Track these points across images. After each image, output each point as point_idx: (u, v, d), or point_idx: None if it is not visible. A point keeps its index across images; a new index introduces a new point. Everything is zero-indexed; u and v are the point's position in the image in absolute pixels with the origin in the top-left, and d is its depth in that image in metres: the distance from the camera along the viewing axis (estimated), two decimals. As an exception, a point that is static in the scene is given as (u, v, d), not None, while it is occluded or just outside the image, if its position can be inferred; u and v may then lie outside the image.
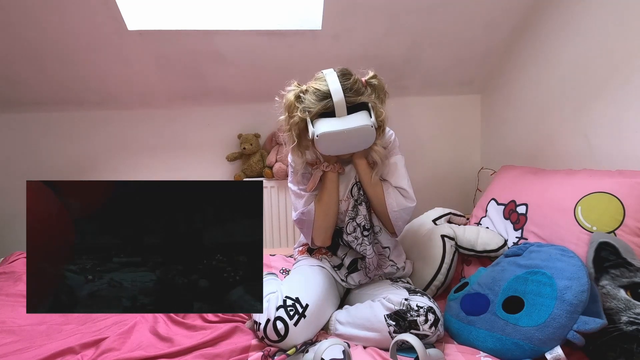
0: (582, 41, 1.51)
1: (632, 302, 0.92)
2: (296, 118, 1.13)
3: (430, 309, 1.05)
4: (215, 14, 1.79)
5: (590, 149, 1.49)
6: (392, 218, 1.24)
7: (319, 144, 1.11)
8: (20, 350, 1.04)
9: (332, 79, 1.12)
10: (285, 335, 1.04)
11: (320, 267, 1.30)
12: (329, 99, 1.10)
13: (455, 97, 2.30)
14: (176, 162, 2.24)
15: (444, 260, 1.39)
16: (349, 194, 1.27)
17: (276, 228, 2.17)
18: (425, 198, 2.18)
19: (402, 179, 1.26)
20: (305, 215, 1.26)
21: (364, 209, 1.25)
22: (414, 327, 1.02)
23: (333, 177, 1.24)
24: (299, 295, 1.12)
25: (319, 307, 1.13)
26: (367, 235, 1.24)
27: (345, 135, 1.08)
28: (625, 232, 1.11)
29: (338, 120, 1.09)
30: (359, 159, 1.23)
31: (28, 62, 1.86)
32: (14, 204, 2.12)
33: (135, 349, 1.05)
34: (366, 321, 1.09)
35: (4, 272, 1.54)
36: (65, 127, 2.18)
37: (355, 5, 1.72)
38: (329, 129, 1.08)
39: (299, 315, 1.07)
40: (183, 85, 2.08)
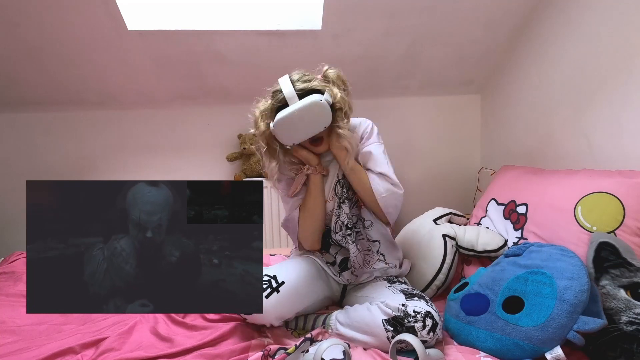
0: (582, 41, 1.51)
1: (632, 302, 0.92)
2: (261, 127, 1.18)
3: (428, 314, 1.04)
4: (215, 14, 1.79)
5: (590, 149, 1.49)
6: (382, 204, 1.21)
7: (277, 134, 1.14)
8: (20, 350, 1.04)
9: (283, 78, 1.17)
10: None
11: (310, 257, 1.32)
12: (280, 94, 1.14)
13: (455, 97, 2.30)
14: (176, 162, 2.24)
15: (445, 260, 1.39)
16: (333, 193, 1.28)
17: (276, 228, 2.17)
18: (426, 198, 2.19)
19: (382, 164, 1.23)
20: (290, 222, 1.30)
21: (346, 208, 1.24)
22: (412, 334, 1.01)
23: (316, 179, 1.25)
24: (277, 273, 1.15)
25: (297, 286, 1.15)
26: (349, 234, 1.24)
27: (298, 116, 1.10)
28: (625, 232, 1.11)
29: (290, 107, 1.12)
30: (337, 149, 1.21)
31: (28, 62, 1.86)
32: (14, 204, 2.12)
33: (135, 349, 1.05)
34: (365, 325, 1.09)
35: (4, 272, 1.54)
36: (65, 127, 2.18)
37: (355, 5, 1.72)
38: (281, 115, 1.11)
39: (272, 289, 1.09)
40: (183, 85, 2.08)
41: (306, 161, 1.24)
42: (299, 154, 1.24)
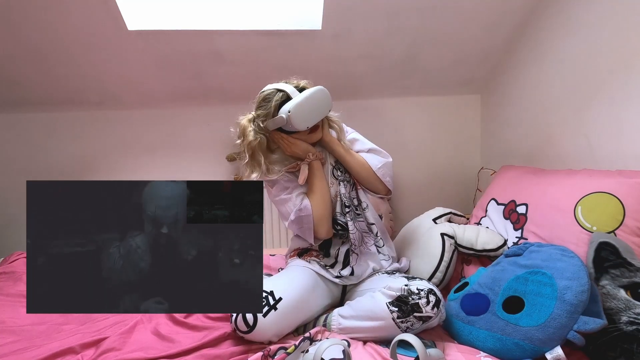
0: (582, 41, 1.51)
1: (632, 302, 0.92)
2: (249, 136, 1.25)
3: (431, 291, 1.07)
4: (215, 14, 1.79)
5: (590, 149, 1.49)
6: (380, 174, 1.34)
7: (294, 119, 1.19)
8: (20, 350, 1.04)
9: (269, 86, 1.27)
10: (253, 326, 1.05)
11: (305, 268, 1.31)
12: (279, 92, 1.23)
13: (455, 97, 2.30)
14: (176, 162, 2.24)
15: (443, 258, 1.39)
16: (332, 178, 1.36)
17: (276, 228, 2.17)
18: (426, 198, 2.19)
19: (367, 143, 1.40)
20: (303, 211, 1.28)
21: (343, 188, 1.34)
22: (417, 310, 1.04)
23: (318, 165, 1.32)
24: (274, 289, 1.13)
25: (295, 302, 1.14)
26: (348, 212, 1.32)
27: (312, 99, 1.21)
28: (625, 232, 1.11)
29: (297, 97, 1.21)
30: (328, 136, 1.33)
31: (28, 62, 1.86)
32: (14, 204, 2.12)
33: (136, 349, 1.05)
34: (369, 311, 1.10)
35: (4, 272, 1.54)
36: (65, 127, 2.18)
37: (355, 5, 1.72)
38: (297, 101, 1.19)
39: (269, 307, 1.08)
40: (183, 85, 2.08)
41: (304, 152, 1.30)
42: (298, 147, 1.29)
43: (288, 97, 1.22)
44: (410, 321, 1.04)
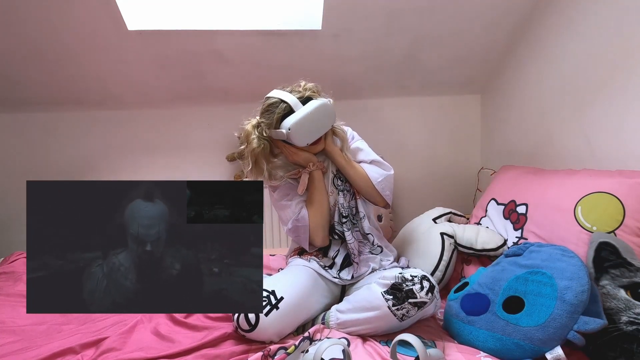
0: (582, 41, 1.51)
1: (632, 302, 0.92)
2: (253, 144, 1.25)
3: (425, 277, 1.08)
4: (215, 14, 1.79)
5: (590, 149, 1.49)
6: (379, 189, 1.32)
7: (294, 136, 1.19)
8: (20, 350, 1.04)
9: (275, 92, 1.25)
10: (255, 325, 1.05)
11: (306, 267, 1.31)
12: (282, 103, 1.21)
13: (455, 97, 2.30)
14: (176, 162, 2.24)
15: (442, 257, 1.40)
16: (333, 187, 1.35)
17: (276, 228, 2.17)
18: (426, 198, 2.19)
19: (371, 154, 1.38)
20: (300, 221, 1.30)
21: (341, 198, 1.33)
22: (411, 297, 1.04)
23: (319, 175, 1.32)
24: (275, 288, 1.13)
25: (296, 301, 1.14)
26: (345, 222, 1.32)
27: (312, 116, 1.20)
28: (625, 232, 1.11)
29: (299, 111, 1.20)
30: (331, 147, 1.32)
31: (28, 62, 1.86)
32: (14, 204, 2.12)
33: (136, 349, 1.05)
34: (365, 302, 1.11)
35: (4, 272, 1.54)
36: (65, 127, 2.18)
37: (355, 5, 1.72)
38: (297, 118, 1.18)
39: (271, 306, 1.08)
40: (183, 85, 2.08)
41: (306, 161, 1.30)
42: (300, 157, 1.29)
43: (291, 110, 1.20)
44: (406, 308, 1.04)
